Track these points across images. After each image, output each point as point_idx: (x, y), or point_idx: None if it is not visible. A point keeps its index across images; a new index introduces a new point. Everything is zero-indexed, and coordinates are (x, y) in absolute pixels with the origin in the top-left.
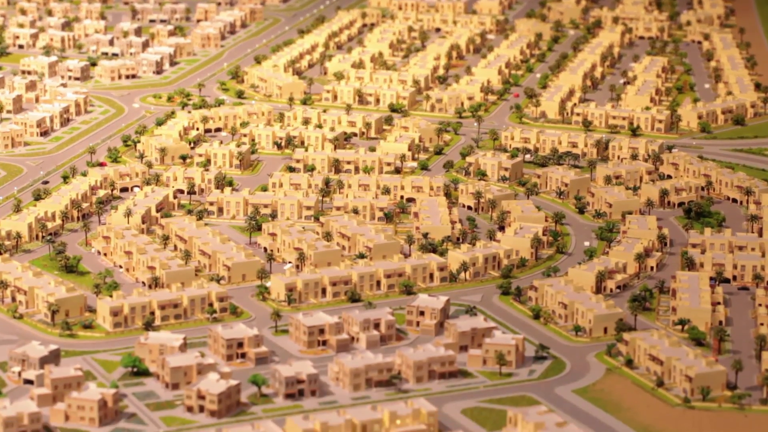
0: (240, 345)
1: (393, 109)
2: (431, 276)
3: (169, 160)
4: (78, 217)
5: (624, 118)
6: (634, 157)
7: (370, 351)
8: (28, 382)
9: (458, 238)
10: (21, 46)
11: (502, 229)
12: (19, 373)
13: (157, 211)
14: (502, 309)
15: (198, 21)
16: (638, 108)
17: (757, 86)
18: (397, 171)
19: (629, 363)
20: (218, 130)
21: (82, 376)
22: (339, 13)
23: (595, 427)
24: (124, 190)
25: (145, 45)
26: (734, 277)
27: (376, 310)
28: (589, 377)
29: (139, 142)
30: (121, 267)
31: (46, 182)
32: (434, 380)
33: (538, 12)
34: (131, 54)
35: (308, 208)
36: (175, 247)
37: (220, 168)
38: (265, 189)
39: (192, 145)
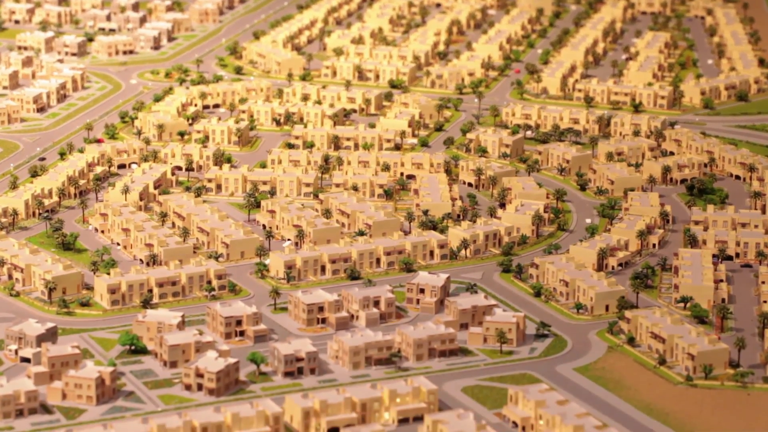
0: (238, 323)
1: (393, 85)
2: (431, 253)
3: (167, 137)
4: (75, 194)
5: (626, 94)
6: (637, 133)
7: (370, 329)
8: (25, 360)
9: (459, 215)
10: (17, 22)
11: (502, 206)
12: (16, 351)
13: (155, 188)
14: (503, 286)
15: None
16: (640, 84)
17: (761, 62)
18: (397, 147)
19: (631, 341)
20: (216, 106)
21: (79, 354)
22: None
23: (596, 405)
24: (121, 166)
25: (143, 20)
26: (737, 255)
27: (375, 288)
28: (590, 355)
29: (136, 118)
30: (118, 244)
31: (42, 159)
32: (434, 358)
33: None
34: (128, 29)
35: (307, 184)
36: (173, 225)
37: (218, 144)
38: (263, 166)
39: (190, 121)
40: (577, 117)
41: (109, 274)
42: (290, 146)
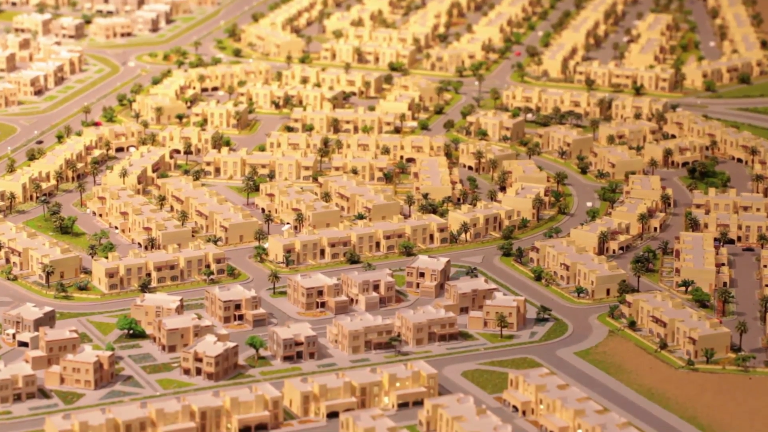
0: (237, 307)
1: (393, 67)
2: (431, 237)
3: (165, 120)
4: (73, 178)
5: (627, 77)
6: (638, 116)
7: (370, 313)
8: (23, 344)
9: (459, 199)
10: (14, 3)
11: (503, 189)
12: (14, 336)
13: (153, 171)
14: (503, 270)
15: None
16: (642, 66)
17: (763, 44)
18: (397, 131)
19: (632, 325)
20: (215, 89)
21: (77, 339)
22: None
23: (597, 389)
24: (119, 150)
25: (141, 2)
26: (739, 238)
27: (375, 272)
28: (591, 339)
29: (134, 101)
30: (116, 228)
31: (40, 142)
32: (434, 342)
33: None
34: (126, 12)
35: (306, 168)
36: (172, 208)
37: (217, 128)
38: (262, 149)
39: (188, 104)
40: (578, 100)
41: (107, 257)
42: (289, 129)
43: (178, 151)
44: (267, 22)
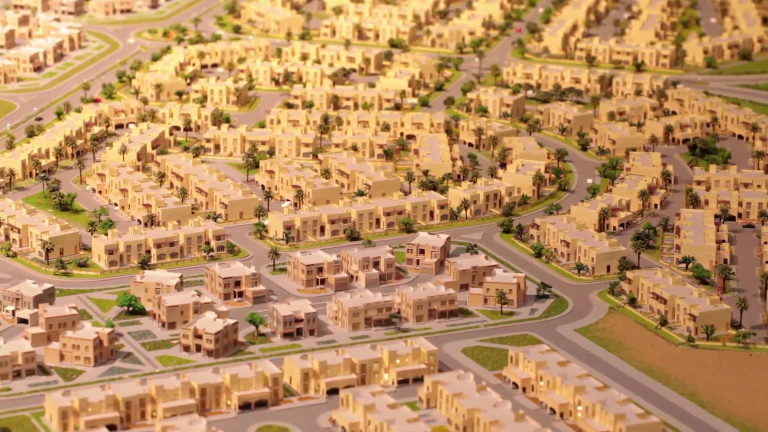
0: (237, 284)
1: (393, 44)
2: (431, 214)
3: (164, 97)
4: (72, 154)
5: (628, 54)
6: (638, 92)
7: (370, 290)
8: (23, 321)
9: (459, 176)
10: None
11: (503, 166)
12: (14, 312)
13: (153, 148)
14: (504, 247)
15: None
16: (643, 43)
17: (764, 20)
18: (397, 107)
19: (632, 302)
20: (215, 65)
21: (77, 315)
22: None
23: (597, 366)
24: (119, 126)
25: None
26: (739, 215)
27: (375, 249)
28: (591, 316)
29: (134, 78)
30: (116, 205)
31: (39, 119)
32: (434, 319)
33: None
34: None
35: (306, 145)
36: (171, 185)
37: (216, 104)
38: (262, 126)
39: (188, 81)
40: (578, 76)
41: (106, 234)
42: (289, 106)
43: (177, 128)
44: None
